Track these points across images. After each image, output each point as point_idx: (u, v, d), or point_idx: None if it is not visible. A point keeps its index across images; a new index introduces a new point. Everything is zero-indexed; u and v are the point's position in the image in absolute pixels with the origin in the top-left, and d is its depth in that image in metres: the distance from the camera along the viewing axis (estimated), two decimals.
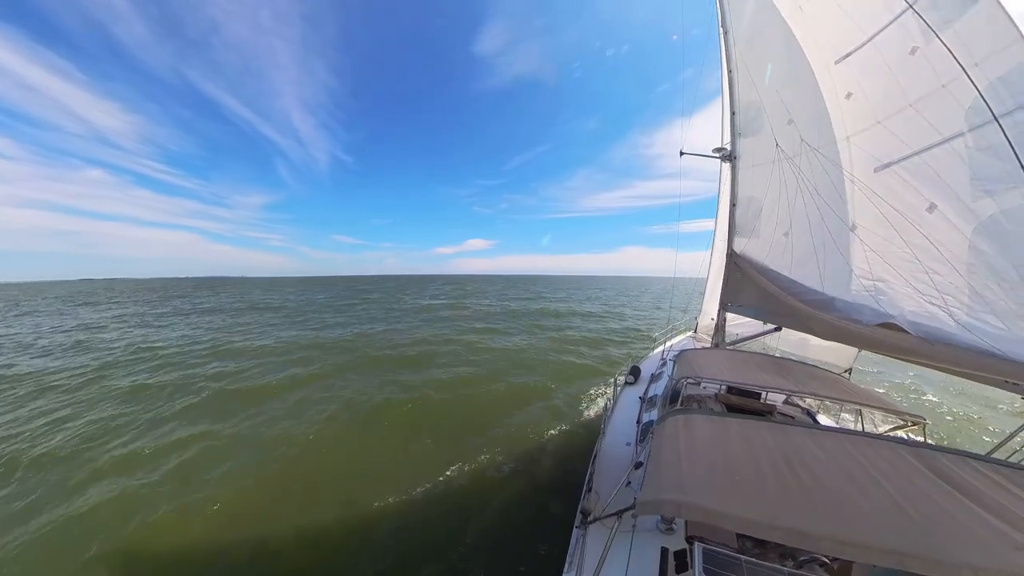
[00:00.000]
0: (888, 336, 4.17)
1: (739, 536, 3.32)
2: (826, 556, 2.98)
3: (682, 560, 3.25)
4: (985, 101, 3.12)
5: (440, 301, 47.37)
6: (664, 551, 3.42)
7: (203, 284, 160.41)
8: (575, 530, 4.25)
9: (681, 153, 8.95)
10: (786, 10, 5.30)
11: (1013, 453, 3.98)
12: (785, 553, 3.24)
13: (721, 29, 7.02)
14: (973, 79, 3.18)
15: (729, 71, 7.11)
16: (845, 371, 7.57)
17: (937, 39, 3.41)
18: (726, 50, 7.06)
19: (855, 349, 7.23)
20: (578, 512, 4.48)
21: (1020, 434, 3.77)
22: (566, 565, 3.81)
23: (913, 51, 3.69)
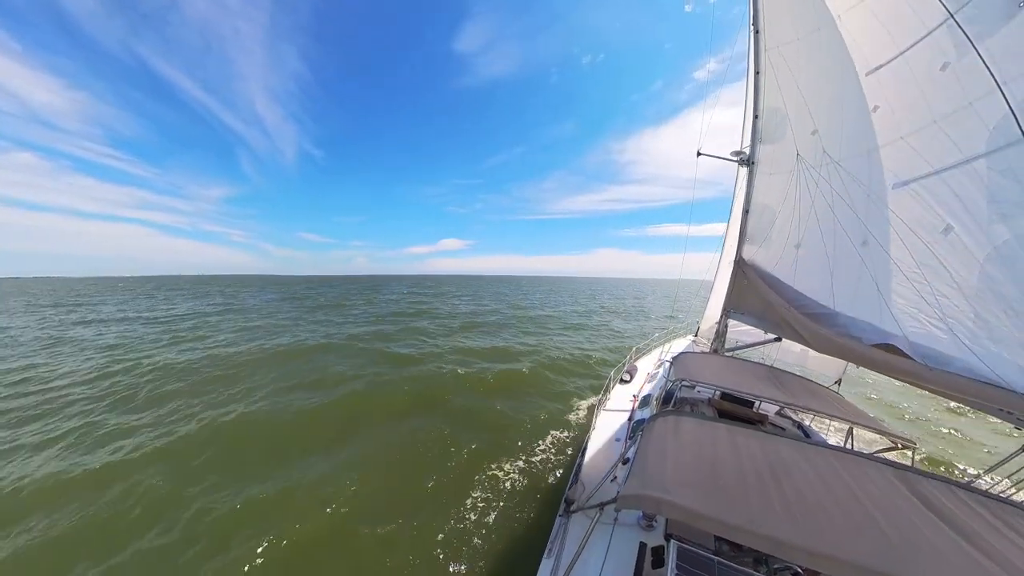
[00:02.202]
0: (887, 357, 4.15)
1: (717, 539, 3.38)
2: (799, 566, 3.04)
3: (659, 556, 3.33)
4: (1017, 120, 3.04)
5: (375, 327, 27.73)
6: (642, 546, 3.51)
7: (145, 283, 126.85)
8: (558, 518, 4.35)
9: (698, 153, 8.80)
10: (825, 18, 5.15)
11: (997, 483, 3.98)
12: (760, 559, 3.30)
13: (752, 29, 6.81)
14: (1007, 97, 3.10)
15: (756, 73, 6.93)
16: (836, 381, 7.58)
17: (973, 52, 3.31)
18: (755, 52, 6.86)
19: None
20: (562, 501, 4.59)
21: (1005, 464, 3.77)
22: (546, 551, 3.92)
23: (944, 67, 3.58)
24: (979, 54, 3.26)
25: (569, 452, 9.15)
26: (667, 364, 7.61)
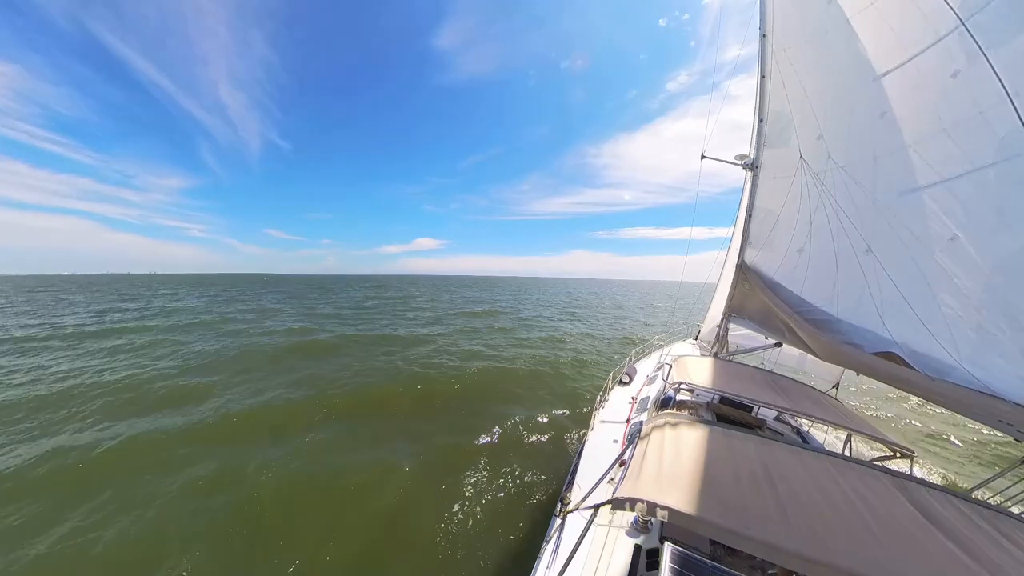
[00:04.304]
0: (888, 366, 4.14)
1: (712, 543, 3.38)
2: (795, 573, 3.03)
3: (654, 559, 3.33)
4: None
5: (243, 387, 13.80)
6: (637, 548, 3.50)
7: (71, 283, 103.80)
8: (554, 518, 4.36)
9: (702, 156, 8.77)
10: (834, 22, 5.11)
11: (996, 494, 3.97)
12: (755, 565, 3.30)
13: (760, 32, 6.78)
14: (1017, 107, 3.07)
15: (762, 76, 6.89)
16: (833, 386, 7.59)
17: (984, 61, 3.28)
18: (761, 55, 6.82)
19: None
20: (558, 502, 4.59)
21: (1005, 476, 3.76)
22: (541, 551, 3.93)
23: (955, 74, 3.55)
24: (990, 63, 3.23)
25: (566, 453, 9.16)
26: (666, 367, 7.60)
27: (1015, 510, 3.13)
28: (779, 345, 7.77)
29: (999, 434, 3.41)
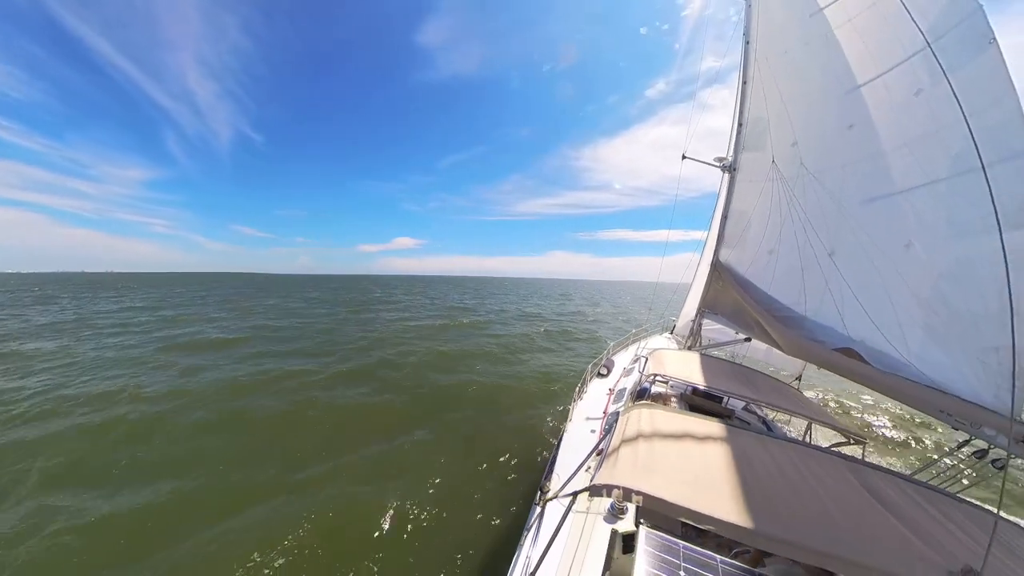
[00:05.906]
0: (847, 361, 4.46)
1: (683, 525, 3.59)
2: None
3: (629, 543, 3.50)
4: (977, 149, 3.28)
5: None
6: (614, 533, 3.67)
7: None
8: (534, 506, 4.48)
9: (683, 157, 9.01)
10: (814, 34, 5.34)
11: (934, 476, 4.39)
12: (722, 543, 3.53)
13: (743, 39, 7.00)
14: (971, 127, 3.33)
15: (743, 83, 7.13)
16: (796, 378, 8.08)
17: (945, 81, 3.53)
18: (744, 62, 7.05)
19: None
20: (538, 491, 4.72)
21: (944, 459, 4.17)
22: (521, 538, 4.05)
23: (918, 93, 3.81)
24: (950, 84, 3.49)
25: (546, 443, 9.37)
26: (643, 360, 7.87)
27: (952, 490, 3.50)
28: (748, 340, 8.17)
29: (941, 423, 3.77)
